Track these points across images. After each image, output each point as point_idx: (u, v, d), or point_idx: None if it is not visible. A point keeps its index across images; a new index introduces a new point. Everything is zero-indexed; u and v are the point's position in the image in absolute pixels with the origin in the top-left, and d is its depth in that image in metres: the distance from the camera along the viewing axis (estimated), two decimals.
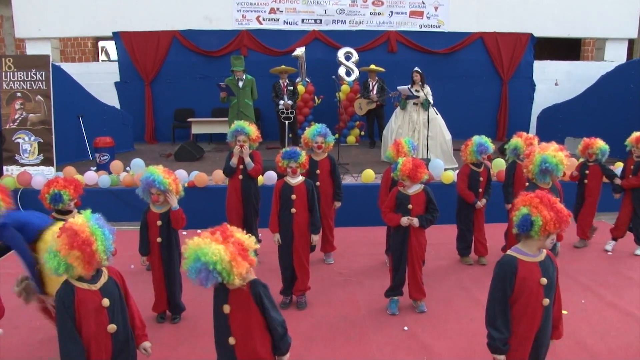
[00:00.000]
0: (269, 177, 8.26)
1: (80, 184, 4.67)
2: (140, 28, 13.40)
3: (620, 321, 4.98)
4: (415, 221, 4.97)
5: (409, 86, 9.87)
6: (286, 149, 5.28)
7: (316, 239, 5.36)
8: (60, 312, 2.93)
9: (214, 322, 3.06)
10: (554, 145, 5.04)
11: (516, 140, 6.61)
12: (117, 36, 13.44)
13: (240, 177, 6.40)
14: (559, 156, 4.86)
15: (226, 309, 2.95)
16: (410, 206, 4.99)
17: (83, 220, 2.95)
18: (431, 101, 9.82)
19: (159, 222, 4.86)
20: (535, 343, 3.24)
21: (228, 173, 6.49)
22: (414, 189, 5.06)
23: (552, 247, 3.27)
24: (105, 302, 2.99)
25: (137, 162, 8.89)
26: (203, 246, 2.76)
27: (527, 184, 5.26)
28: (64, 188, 4.47)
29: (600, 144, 7.05)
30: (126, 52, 13.48)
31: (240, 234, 2.90)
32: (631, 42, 16.48)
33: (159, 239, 4.88)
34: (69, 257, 2.83)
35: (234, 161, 6.36)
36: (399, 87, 10.05)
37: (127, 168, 9.20)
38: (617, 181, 6.99)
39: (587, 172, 7.14)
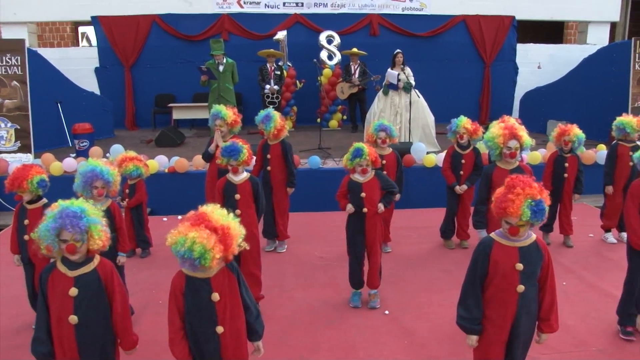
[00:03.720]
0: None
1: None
2: (119, 12, 13.20)
3: (601, 302, 4.98)
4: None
5: (397, 73, 9.76)
6: (226, 144, 4.99)
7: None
8: (39, 285, 2.93)
9: (189, 319, 2.94)
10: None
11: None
12: (95, 20, 13.21)
13: (218, 161, 6.30)
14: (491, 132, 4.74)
15: (215, 297, 2.88)
16: (363, 194, 4.73)
17: (55, 205, 2.91)
18: (413, 83, 9.76)
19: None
20: (512, 331, 3.12)
21: (206, 158, 6.40)
22: (367, 176, 4.79)
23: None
24: (73, 291, 2.88)
25: (117, 148, 8.76)
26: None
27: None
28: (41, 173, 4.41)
29: (576, 131, 6.35)
30: (105, 36, 13.27)
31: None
32: (613, 25, 16.51)
33: None
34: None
35: (212, 147, 6.24)
36: (389, 71, 9.91)
37: (107, 154, 9.06)
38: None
39: (566, 165, 6.45)
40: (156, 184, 8.04)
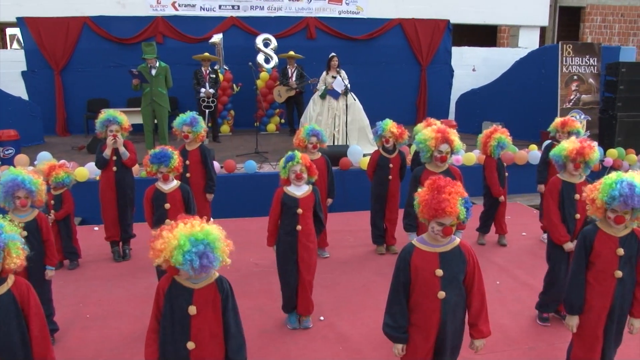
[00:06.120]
0: None
1: None
2: (48, 13, 12.68)
3: (533, 300, 5.03)
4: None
5: (345, 85, 9.74)
6: (155, 151, 4.82)
7: None
8: None
9: (163, 324, 2.81)
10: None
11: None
12: (21, 22, 12.64)
13: (115, 168, 6.14)
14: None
15: (192, 310, 2.73)
16: (299, 210, 4.38)
17: None
18: (349, 86, 9.77)
19: (24, 233, 4.02)
20: (438, 337, 3.07)
21: (101, 165, 6.19)
22: (303, 190, 4.48)
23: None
24: None
25: (44, 156, 8.40)
26: (199, 229, 2.63)
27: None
28: None
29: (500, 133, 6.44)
30: (32, 39, 12.71)
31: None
32: (543, 30, 17.07)
33: None
34: None
35: (107, 152, 6.05)
36: (334, 84, 9.82)
37: (35, 162, 8.70)
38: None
39: (505, 164, 6.73)
40: (87, 192, 7.75)
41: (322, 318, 4.79)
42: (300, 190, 4.45)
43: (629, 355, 4.02)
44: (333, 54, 10.15)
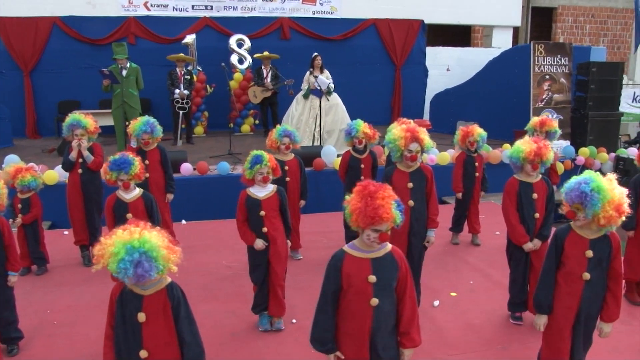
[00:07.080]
0: None
1: None
2: (16, 13, 12.45)
3: (506, 299, 5.04)
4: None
5: (329, 82, 9.73)
6: (114, 157, 4.66)
7: None
8: None
9: (117, 332, 2.75)
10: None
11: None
12: None
13: (80, 171, 6.05)
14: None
15: (141, 317, 2.66)
16: (262, 213, 4.34)
17: None
18: (332, 86, 9.76)
19: None
20: (371, 347, 2.92)
21: (67, 168, 6.11)
22: (267, 191, 4.42)
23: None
24: None
25: (11, 159, 8.23)
26: (137, 236, 2.55)
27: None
28: None
29: (479, 130, 6.57)
30: (0, 39, 12.47)
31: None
32: (516, 30, 17.24)
33: None
34: None
35: (73, 155, 5.97)
36: (318, 80, 9.77)
37: (2, 165, 8.51)
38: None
39: (476, 164, 6.66)
40: (57, 196, 7.60)
41: (294, 321, 4.73)
42: (263, 192, 4.39)
43: (601, 354, 4.02)
44: (316, 53, 10.13)
